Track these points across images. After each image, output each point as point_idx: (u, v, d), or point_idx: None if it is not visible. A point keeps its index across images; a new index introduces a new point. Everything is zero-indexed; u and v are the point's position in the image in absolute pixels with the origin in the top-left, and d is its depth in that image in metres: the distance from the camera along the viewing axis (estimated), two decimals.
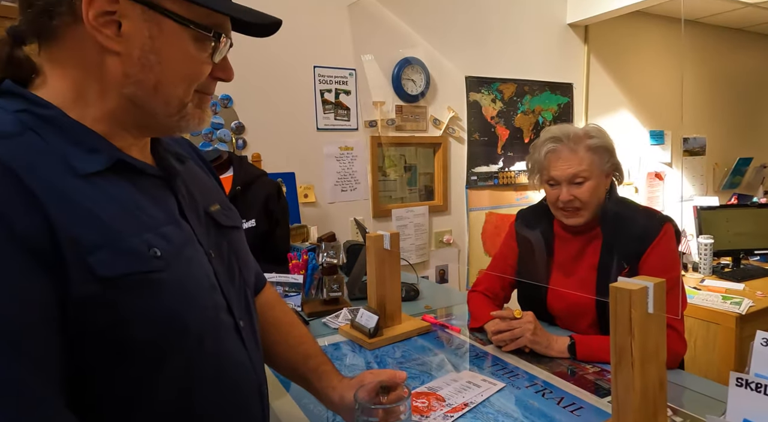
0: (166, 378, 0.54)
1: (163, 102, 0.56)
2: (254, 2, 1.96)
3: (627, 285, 0.68)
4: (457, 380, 1.02)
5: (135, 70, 0.54)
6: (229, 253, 0.68)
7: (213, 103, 1.96)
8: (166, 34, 0.54)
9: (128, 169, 0.56)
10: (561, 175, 1.22)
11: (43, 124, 0.51)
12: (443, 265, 2.64)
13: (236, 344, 0.64)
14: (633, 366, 0.68)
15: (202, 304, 0.58)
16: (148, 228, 0.54)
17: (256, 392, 0.67)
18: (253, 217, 1.62)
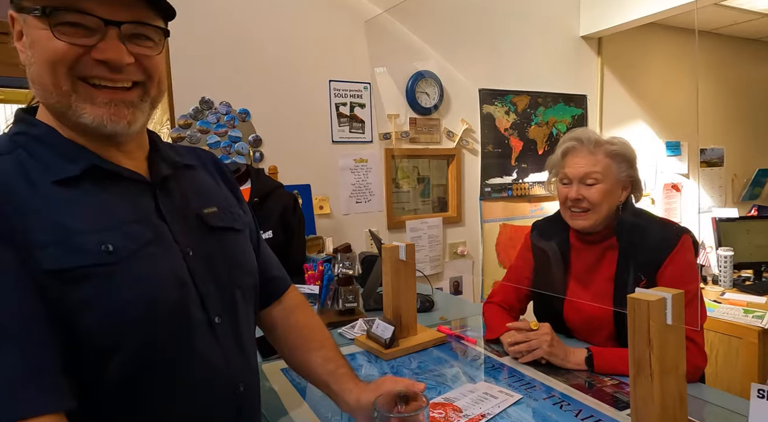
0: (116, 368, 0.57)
1: (46, 93, 0.60)
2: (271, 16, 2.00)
3: (645, 296, 0.68)
4: (474, 391, 1.02)
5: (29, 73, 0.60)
6: (218, 253, 0.72)
7: (231, 117, 2.01)
8: (30, 26, 0.59)
9: (103, 173, 0.62)
10: (574, 172, 1.23)
11: (33, 142, 0.61)
12: (457, 277, 2.64)
13: (206, 340, 0.66)
14: (652, 379, 0.68)
15: (160, 298, 0.61)
16: (109, 227, 0.59)
17: (227, 391, 0.69)
18: (270, 228, 1.65)
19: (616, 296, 1.20)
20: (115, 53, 0.60)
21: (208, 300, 0.67)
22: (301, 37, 2.12)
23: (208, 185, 0.79)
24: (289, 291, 0.92)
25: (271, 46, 2.06)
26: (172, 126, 1.90)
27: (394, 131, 2.38)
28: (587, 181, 1.22)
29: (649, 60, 3.34)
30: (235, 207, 0.81)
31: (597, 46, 3.03)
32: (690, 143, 3.53)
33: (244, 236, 0.80)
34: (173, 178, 0.72)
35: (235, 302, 0.73)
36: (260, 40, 2.04)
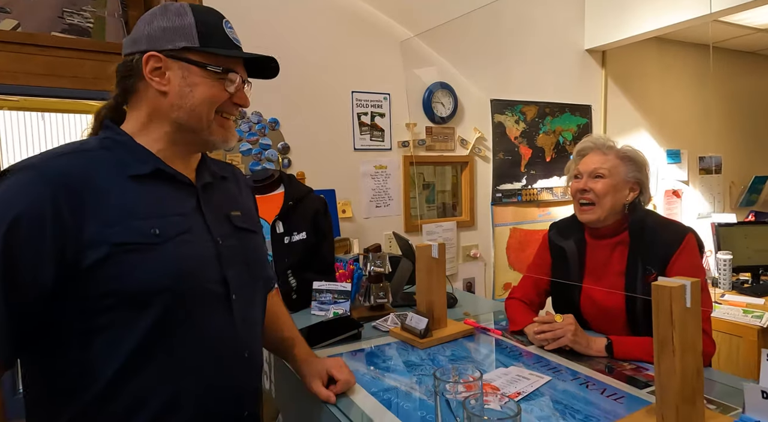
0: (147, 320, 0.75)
1: (196, 120, 0.85)
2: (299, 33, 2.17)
3: (667, 283, 0.80)
4: (507, 374, 1.13)
5: (176, 99, 0.83)
6: (240, 245, 0.92)
7: (262, 126, 2.13)
8: (193, 74, 0.84)
9: (164, 175, 0.84)
10: (584, 167, 1.39)
11: (116, 145, 0.83)
12: (470, 278, 2.76)
13: (222, 310, 0.85)
14: (674, 354, 0.79)
15: (189, 272, 0.80)
16: (159, 215, 0.80)
17: (239, 354, 0.88)
18: (303, 230, 1.76)
19: (627, 288, 1.32)
20: (247, 100, 0.92)
21: (230, 279, 0.86)
22: (327, 51, 2.25)
23: (235, 194, 1.01)
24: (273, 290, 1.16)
25: (300, 60, 2.19)
26: None
27: (412, 139, 2.50)
28: (595, 174, 1.36)
29: (650, 72, 3.49)
30: (254, 214, 1.05)
31: (601, 59, 3.18)
32: (690, 151, 3.68)
33: (260, 238, 1.02)
34: (212, 185, 0.93)
35: (250, 285, 0.93)
36: (290, 53, 2.17)
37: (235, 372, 0.87)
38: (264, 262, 1.02)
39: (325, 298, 1.68)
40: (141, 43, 0.84)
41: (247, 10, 2.07)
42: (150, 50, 0.83)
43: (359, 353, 1.31)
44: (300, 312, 1.71)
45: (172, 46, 0.83)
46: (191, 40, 0.84)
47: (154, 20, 0.85)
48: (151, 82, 0.83)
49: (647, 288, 1.28)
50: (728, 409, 0.93)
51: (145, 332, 0.76)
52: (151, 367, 0.77)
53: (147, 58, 0.82)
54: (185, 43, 0.84)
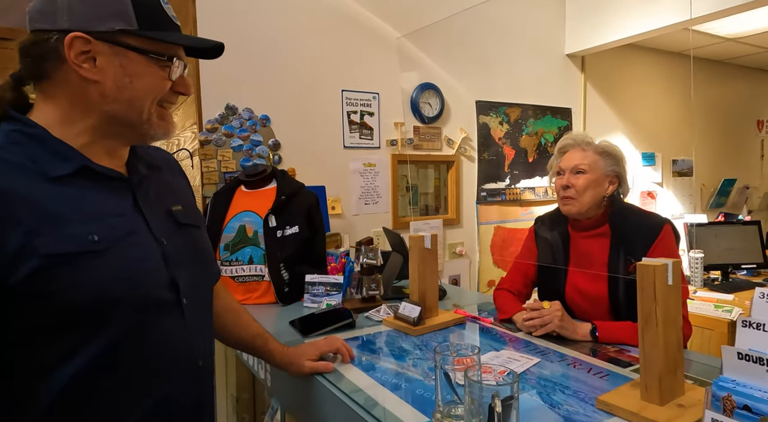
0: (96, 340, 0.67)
1: (137, 112, 0.75)
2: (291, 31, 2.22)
3: (651, 262, 0.86)
4: (499, 356, 1.18)
5: (112, 91, 0.72)
6: (185, 244, 0.83)
7: (253, 122, 2.15)
8: (133, 62, 0.73)
9: (92, 173, 0.73)
10: (566, 164, 1.47)
11: (28, 140, 0.70)
12: (456, 275, 2.81)
13: (173, 318, 0.77)
14: (657, 327, 0.86)
15: (137, 280, 0.72)
16: (95, 219, 0.70)
17: (189, 364, 0.80)
18: (296, 225, 1.79)
19: (609, 276, 1.39)
20: (190, 87, 0.82)
21: (180, 284, 0.78)
22: (318, 50, 2.29)
23: (173, 185, 0.91)
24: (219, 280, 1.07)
25: (291, 58, 2.22)
26: (199, 130, 2.03)
27: (400, 138, 2.55)
28: (576, 170, 1.43)
29: (627, 77, 3.64)
30: (195, 206, 0.95)
31: (581, 64, 3.30)
32: (664, 154, 3.83)
33: (203, 231, 0.93)
34: (148, 177, 0.83)
35: (200, 287, 0.85)
36: (282, 52, 2.19)
37: (190, 382, 0.80)
38: (212, 258, 0.95)
39: (318, 291, 1.71)
40: (60, 19, 0.69)
41: (242, 9, 2.10)
42: (75, 30, 0.69)
43: (354, 341, 1.34)
44: (293, 304, 1.73)
45: (106, 27, 0.70)
46: (128, 21, 0.71)
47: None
48: (78, 70, 0.70)
49: (628, 276, 1.35)
50: (705, 384, 1.00)
51: (92, 349, 0.68)
52: (99, 386, 0.69)
53: (71, 40, 0.69)
54: (121, 24, 0.71)
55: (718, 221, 3.55)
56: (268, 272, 1.73)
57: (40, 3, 0.72)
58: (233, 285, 1.77)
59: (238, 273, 1.76)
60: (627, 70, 3.63)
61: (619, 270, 1.38)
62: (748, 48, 3.88)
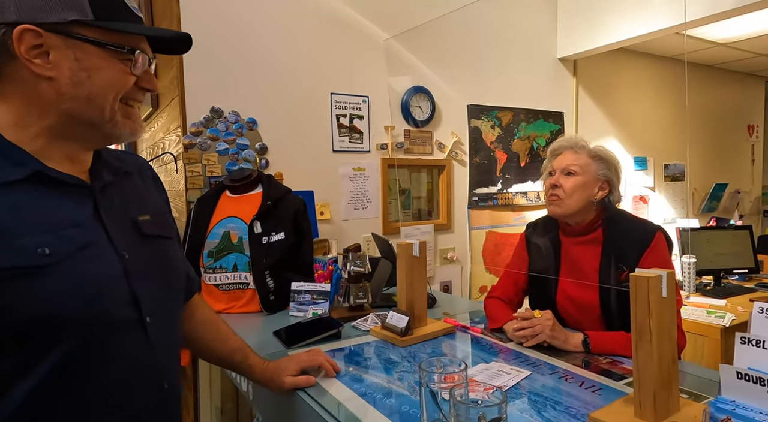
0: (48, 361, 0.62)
1: (98, 110, 0.69)
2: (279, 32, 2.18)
3: (645, 273, 0.82)
4: (488, 369, 1.14)
5: (68, 88, 0.67)
6: (151, 256, 0.78)
7: (239, 126, 2.10)
8: (90, 55, 0.68)
9: (48, 180, 0.67)
10: (557, 166, 1.44)
11: None
12: (447, 281, 2.78)
13: (135, 337, 0.72)
14: (651, 341, 0.82)
15: (91, 296, 0.66)
16: (47, 230, 0.64)
17: (154, 386, 0.75)
18: (282, 231, 1.74)
19: (601, 284, 1.36)
20: (156, 83, 0.77)
21: (142, 300, 0.72)
22: (307, 52, 2.25)
23: (142, 193, 0.85)
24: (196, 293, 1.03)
25: (279, 60, 2.18)
26: (183, 133, 1.98)
27: (390, 142, 2.52)
28: (567, 171, 1.41)
29: (619, 81, 3.63)
30: (167, 215, 0.89)
31: (573, 68, 3.28)
32: (656, 159, 3.83)
33: (173, 242, 0.87)
34: (113, 184, 0.77)
35: (167, 303, 0.80)
36: (269, 54, 2.15)
37: (154, 406, 0.75)
38: (181, 272, 0.88)
39: (304, 299, 1.66)
40: (6, 11, 0.64)
41: (227, 10, 2.05)
42: (23, 22, 0.64)
43: (339, 352, 1.30)
44: (278, 313, 1.68)
45: (57, 18, 0.65)
46: (82, 11, 0.66)
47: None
48: (30, 65, 0.65)
49: (620, 285, 1.32)
50: (700, 398, 0.97)
51: (44, 374, 0.62)
52: (56, 407, 0.64)
53: (20, 32, 0.63)
54: (74, 15, 0.66)
55: (710, 226, 3.54)
56: (253, 280, 1.68)
57: None
58: (217, 294, 1.72)
59: (222, 281, 1.71)
60: (619, 74, 3.63)
61: (610, 278, 1.35)
62: (739, 53, 3.90)
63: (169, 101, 2.17)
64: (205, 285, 1.73)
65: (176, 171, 2.09)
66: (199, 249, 1.73)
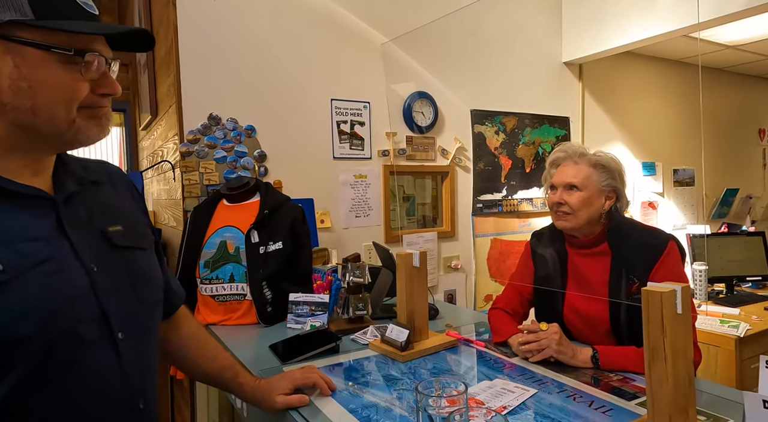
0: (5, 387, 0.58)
1: (46, 122, 0.63)
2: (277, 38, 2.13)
3: (657, 288, 0.77)
4: (492, 387, 1.08)
5: (9, 98, 0.60)
6: (122, 269, 0.73)
7: (237, 133, 2.07)
8: (30, 61, 0.60)
9: (4, 192, 0.63)
10: (558, 180, 1.38)
11: None
12: (452, 290, 2.72)
13: (105, 355, 0.67)
14: (666, 361, 0.76)
15: (53, 313, 0.61)
16: (2, 245, 0.59)
17: (126, 408, 0.70)
18: (280, 240, 1.70)
19: (611, 297, 1.30)
20: (117, 86, 0.68)
21: (111, 316, 0.68)
22: (306, 58, 2.21)
23: (114, 203, 0.80)
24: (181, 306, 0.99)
25: (278, 66, 2.14)
26: (180, 141, 1.95)
27: (392, 148, 2.47)
28: (569, 187, 1.35)
29: (626, 85, 3.57)
30: (142, 225, 0.84)
31: (578, 72, 3.23)
32: (664, 164, 3.75)
33: (149, 253, 0.82)
34: (79, 194, 0.72)
35: (140, 318, 0.75)
36: (267, 59, 2.12)
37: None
38: (157, 283, 0.83)
39: (302, 310, 1.61)
40: None
41: (226, 16, 2.03)
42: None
43: (337, 367, 1.25)
44: (275, 325, 1.63)
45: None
46: (20, 10, 0.59)
47: None
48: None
49: (631, 297, 1.26)
50: (719, 420, 0.90)
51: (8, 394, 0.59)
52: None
53: None
54: (11, 14, 0.59)
55: (722, 232, 3.46)
56: (250, 291, 1.64)
57: None
58: (213, 305, 1.67)
59: (218, 291, 1.67)
60: (625, 78, 3.56)
61: (620, 291, 1.28)
62: (749, 55, 3.82)
63: (167, 108, 2.14)
64: (201, 296, 1.69)
65: (174, 179, 2.06)
66: (196, 259, 1.69)
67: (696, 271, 2.68)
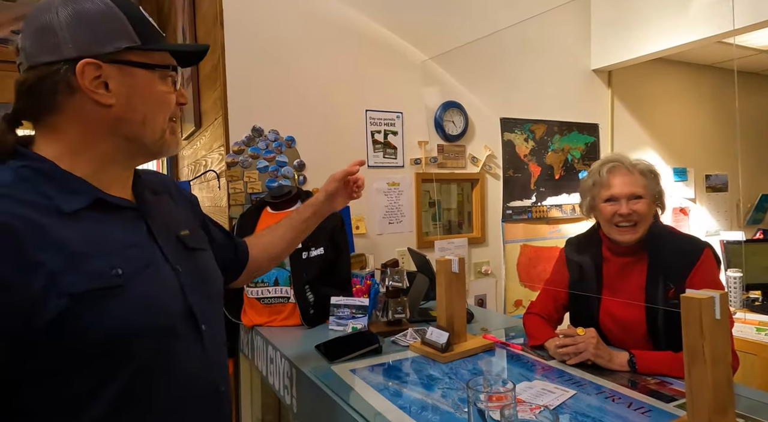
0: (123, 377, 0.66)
1: (151, 133, 0.75)
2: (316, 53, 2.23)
3: (696, 295, 0.82)
4: (532, 387, 1.14)
5: (126, 113, 0.71)
6: (197, 269, 0.83)
7: (278, 143, 2.17)
8: (140, 80, 0.73)
9: (105, 204, 0.71)
10: (620, 192, 1.37)
11: (37, 175, 0.67)
12: (482, 295, 2.76)
13: (194, 346, 0.76)
14: (705, 364, 0.81)
15: (158, 311, 0.71)
16: (113, 252, 0.68)
17: (211, 390, 0.79)
18: (321, 246, 1.78)
19: (647, 302, 1.33)
20: (187, 98, 0.82)
21: (196, 311, 0.77)
22: (343, 73, 2.31)
23: (175, 209, 0.90)
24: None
25: (317, 80, 2.24)
26: (226, 152, 2.06)
27: (424, 156, 2.54)
28: (634, 196, 1.36)
29: (656, 91, 3.55)
30: (197, 228, 0.95)
31: (607, 79, 3.24)
32: (696, 169, 3.71)
33: (209, 253, 0.93)
34: (155, 203, 0.82)
35: (213, 311, 0.85)
36: (307, 74, 2.22)
37: (213, 410, 0.80)
38: (219, 279, 0.93)
39: (343, 313, 1.69)
40: (65, 49, 0.67)
41: (266, 33, 2.14)
42: (84, 57, 0.67)
43: (380, 367, 1.32)
44: (318, 327, 1.71)
45: (113, 48, 0.69)
46: (131, 38, 0.70)
47: (64, 15, 0.67)
48: (94, 96, 0.69)
49: (667, 303, 1.29)
50: None
51: (119, 383, 0.66)
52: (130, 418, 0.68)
53: (82, 67, 0.67)
54: (126, 42, 0.70)
55: (757, 238, 3.40)
56: (294, 294, 1.73)
57: (35, 36, 0.68)
58: (259, 307, 1.77)
59: (263, 294, 1.76)
60: (656, 84, 3.55)
61: (657, 296, 1.32)
62: None
63: (213, 121, 2.27)
64: (247, 299, 1.79)
65: (219, 188, 2.17)
66: None
67: (731, 278, 2.65)
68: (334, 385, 1.18)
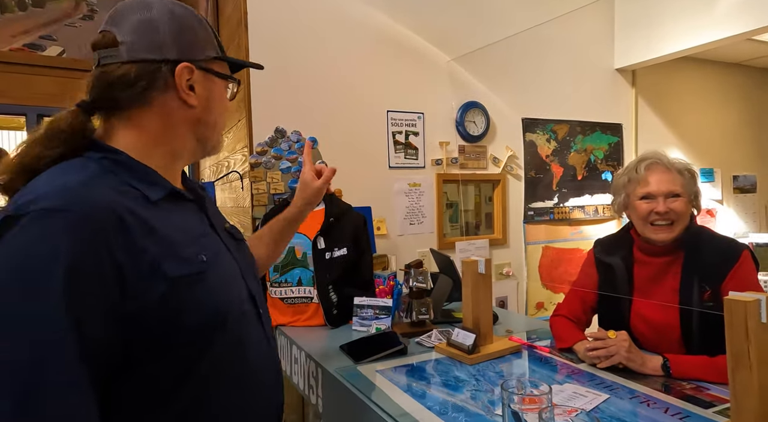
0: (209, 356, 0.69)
1: (216, 134, 0.83)
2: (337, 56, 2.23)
3: (741, 297, 0.79)
4: (563, 391, 1.12)
5: (204, 115, 0.78)
6: (245, 257, 0.89)
7: (301, 145, 2.18)
8: (216, 86, 0.80)
9: (177, 196, 0.76)
10: (658, 189, 1.33)
11: (117, 167, 0.70)
12: (503, 296, 2.73)
13: (258, 329, 0.81)
14: (751, 370, 0.78)
15: (235, 296, 0.76)
16: (195, 240, 0.73)
17: (274, 372, 0.84)
18: (344, 246, 1.78)
19: (682, 304, 1.29)
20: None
21: (256, 295, 0.83)
22: (364, 74, 2.31)
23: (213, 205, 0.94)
24: None
25: (338, 81, 2.25)
26: (250, 153, 2.08)
27: (445, 157, 2.53)
28: (672, 194, 1.33)
29: (681, 90, 3.48)
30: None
31: (631, 78, 3.19)
32: (723, 170, 3.62)
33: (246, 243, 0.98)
34: (204, 197, 0.86)
35: (262, 295, 0.89)
36: (329, 75, 2.23)
37: (274, 388, 0.84)
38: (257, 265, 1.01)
39: (367, 314, 1.69)
40: (167, 50, 0.72)
41: (289, 36, 2.15)
42: (183, 60, 0.74)
43: (405, 368, 1.31)
44: (341, 327, 1.71)
45: (204, 55, 0.77)
46: (216, 49, 0.79)
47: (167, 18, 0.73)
48: (184, 96, 0.75)
49: (702, 305, 1.26)
50: None
51: (206, 365, 0.69)
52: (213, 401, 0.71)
53: (181, 69, 0.74)
54: (214, 52, 0.79)
55: None
56: (317, 294, 1.73)
57: (138, 33, 0.71)
58: (282, 307, 1.77)
59: (287, 294, 1.77)
60: (681, 82, 3.48)
61: (692, 298, 1.28)
62: None
63: (236, 122, 2.29)
64: (270, 299, 1.80)
65: (242, 188, 2.19)
66: None
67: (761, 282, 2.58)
68: (361, 385, 1.18)
